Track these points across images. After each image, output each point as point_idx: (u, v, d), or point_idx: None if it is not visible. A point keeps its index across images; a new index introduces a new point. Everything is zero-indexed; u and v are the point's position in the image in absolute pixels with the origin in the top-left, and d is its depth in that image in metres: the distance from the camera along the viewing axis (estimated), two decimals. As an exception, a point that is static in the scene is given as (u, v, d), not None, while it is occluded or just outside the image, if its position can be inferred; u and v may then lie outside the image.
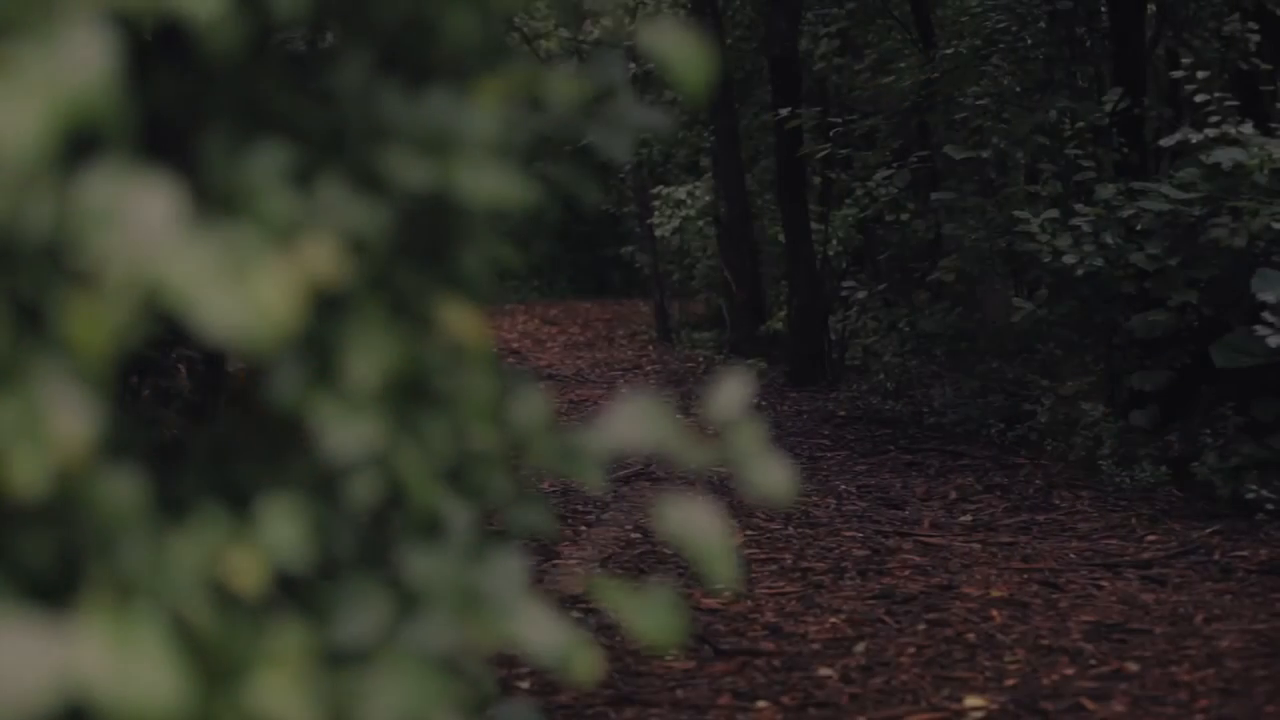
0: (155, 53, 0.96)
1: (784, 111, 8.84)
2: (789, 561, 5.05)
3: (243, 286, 0.82)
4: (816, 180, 11.63)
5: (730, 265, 10.78)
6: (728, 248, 10.85)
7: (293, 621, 0.90)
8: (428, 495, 1.09)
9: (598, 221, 17.53)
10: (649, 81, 12.20)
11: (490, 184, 1.04)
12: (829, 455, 7.11)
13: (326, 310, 1.05)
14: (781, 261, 10.64)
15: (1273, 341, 5.33)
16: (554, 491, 5.93)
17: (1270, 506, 5.38)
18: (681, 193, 12.49)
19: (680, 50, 1.17)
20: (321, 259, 0.91)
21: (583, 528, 5.47)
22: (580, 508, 5.75)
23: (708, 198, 12.11)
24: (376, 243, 1.02)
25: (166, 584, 0.86)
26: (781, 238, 10.09)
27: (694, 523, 1.16)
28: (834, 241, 9.92)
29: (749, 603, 4.52)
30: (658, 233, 12.52)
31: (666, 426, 1.18)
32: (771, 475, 1.17)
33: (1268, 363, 5.58)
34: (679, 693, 3.67)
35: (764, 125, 11.42)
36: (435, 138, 1.06)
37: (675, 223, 12.32)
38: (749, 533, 5.47)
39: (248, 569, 0.89)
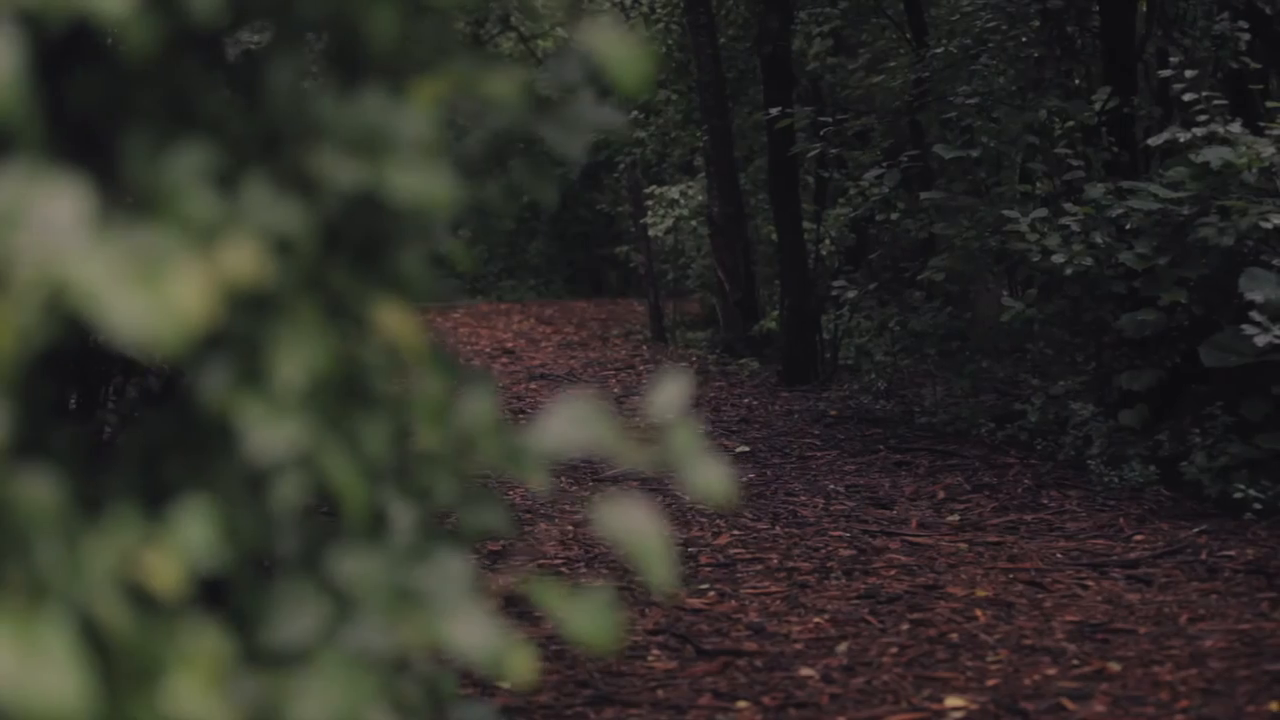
0: (74, 53, 0.96)
1: (774, 111, 8.83)
2: (775, 561, 5.05)
3: (152, 287, 0.81)
4: (810, 180, 11.64)
5: (724, 265, 10.77)
6: (721, 247, 10.84)
7: (208, 623, 0.90)
8: (359, 496, 1.09)
9: (594, 221, 17.57)
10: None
11: (419, 184, 1.03)
12: (819, 455, 7.10)
13: (256, 311, 1.04)
14: (775, 261, 10.64)
15: (1260, 341, 5.32)
16: (542, 490, 5.93)
17: (1258, 506, 5.38)
18: (675, 192, 12.49)
19: (618, 49, 1.16)
20: (241, 260, 0.90)
21: (569, 527, 5.46)
22: (567, 507, 5.75)
23: (701, 197, 12.11)
24: (304, 243, 1.01)
25: (80, 585, 0.86)
26: (775, 237, 10.09)
27: (632, 524, 1.15)
28: (827, 241, 9.91)
29: (733, 603, 4.52)
30: (651, 232, 12.52)
31: (605, 427, 1.18)
32: (709, 476, 1.17)
33: (1256, 362, 5.57)
34: (659, 693, 3.67)
35: (757, 125, 11.42)
36: (367, 138, 1.06)
37: (669, 222, 12.32)
38: (735, 533, 5.47)
39: (164, 570, 0.89)
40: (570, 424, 1.21)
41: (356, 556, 1.11)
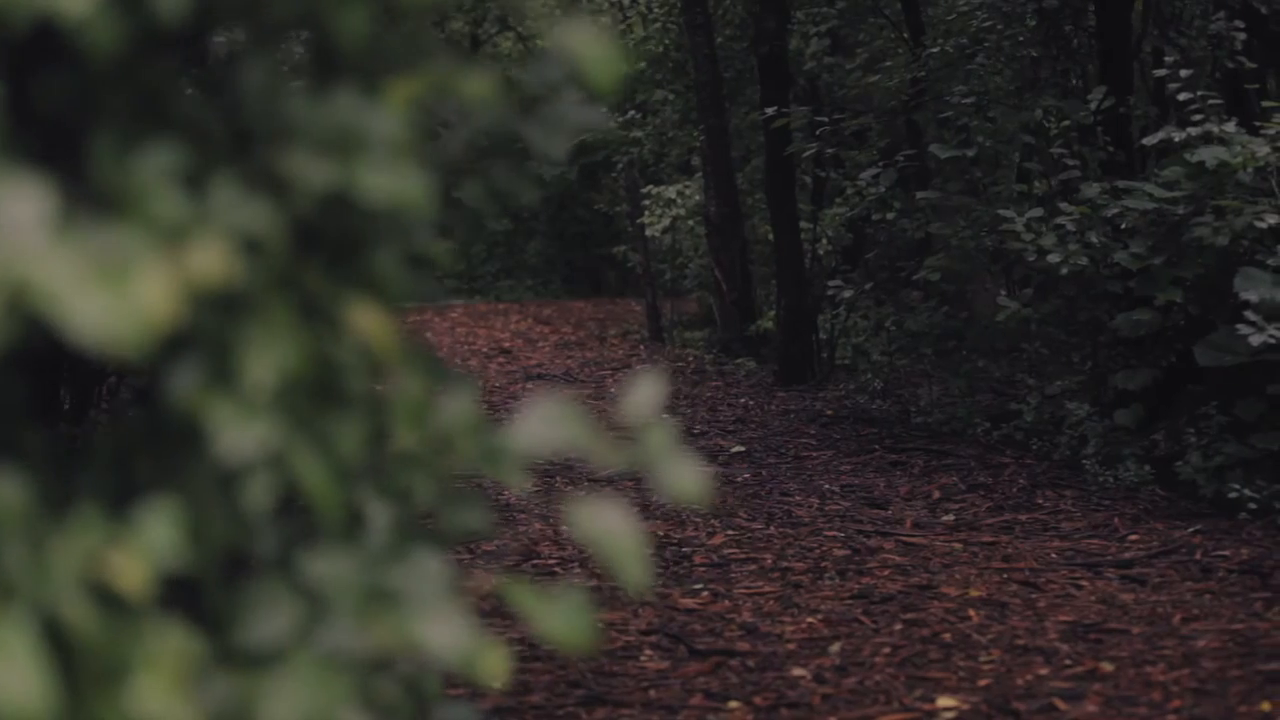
0: (41, 53, 0.96)
1: (771, 110, 8.83)
2: (769, 561, 5.04)
3: (115, 288, 0.81)
4: (807, 179, 11.64)
5: (721, 264, 10.77)
6: (718, 247, 10.84)
7: (175, 623, 0.90)
8: (331, 496, 1.08)
9: (591, 221, 17.56)
10: (640, 81, 12.20)
11: (392, 184, 1.03)
12: (814, 455, 7.10)
13: (227, 311, 1.04)
14: (772, 260, 10.64)
15: (1255, 340, 5.32)
16: (537, 490, 5.93)
17: (1253, 506, 5.38)
18: (672, 192, 12.49)
19: (592, 49, 1.16)
20: (208, 260, 0.90)
21: (563, 527, 5.46)
22: (562, 507, 5.75)
23: (698, 197, 12.11)
24: (275, 243, 1.01)
25: (46, 586, 0.86)
26: (772, 237, 10.09)
27: (605, 524, 1.15)
28: (824, 240, 9.90)
29: (727, 603, 4.52)
30: (648, 232, 12.51)
31: (580, 427, 1.18)
32: (682, 476, 1.17)
33: (1251, 361, 5.57)
34: (651, 693, 3.66)
35: (754, 124, 11.42)
36: (339, 138, 1.06)
37: (666, 222, 12.32)
38: (730, 533, 5.47)
39: (129, 570, 0.89)
40: (546, 424, 1.20)
41: (329, 557, 1.10)
